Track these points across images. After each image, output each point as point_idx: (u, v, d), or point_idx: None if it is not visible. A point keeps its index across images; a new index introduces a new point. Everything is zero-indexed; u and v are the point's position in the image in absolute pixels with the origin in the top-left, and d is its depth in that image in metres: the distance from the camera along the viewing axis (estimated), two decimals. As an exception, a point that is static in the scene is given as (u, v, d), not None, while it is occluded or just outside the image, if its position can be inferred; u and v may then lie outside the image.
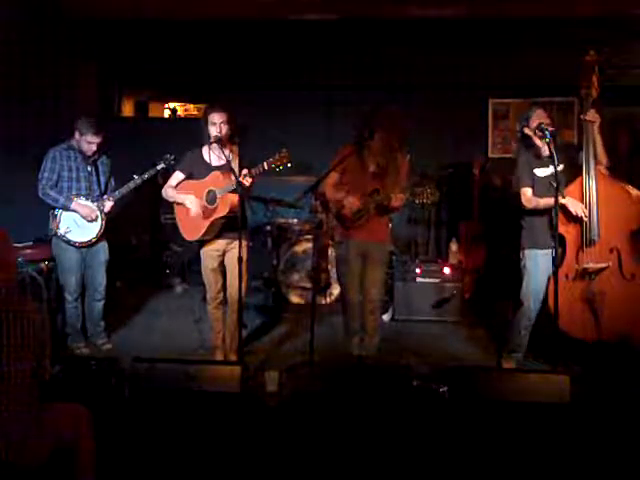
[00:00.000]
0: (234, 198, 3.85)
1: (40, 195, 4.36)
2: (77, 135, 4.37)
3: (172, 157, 4.49)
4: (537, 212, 3.96)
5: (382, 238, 4.19)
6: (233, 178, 3.76)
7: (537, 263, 3.99)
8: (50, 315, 2.71)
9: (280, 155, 3.71)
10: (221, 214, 3.93)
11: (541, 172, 3.95)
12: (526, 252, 4.05)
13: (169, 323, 5.28)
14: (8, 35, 5.13)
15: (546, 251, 3.93)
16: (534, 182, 3.96)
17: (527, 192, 3.97)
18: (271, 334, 5.05)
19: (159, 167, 4.49)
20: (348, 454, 2.92)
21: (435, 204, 4.01)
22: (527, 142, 4.01)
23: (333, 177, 4.09)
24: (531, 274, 4.01)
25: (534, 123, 3.86)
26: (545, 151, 3.80)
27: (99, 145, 4.41)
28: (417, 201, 3.94)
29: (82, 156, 4.43)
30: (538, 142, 3.89)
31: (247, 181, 3.79)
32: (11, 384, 2.32)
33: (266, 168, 3.74)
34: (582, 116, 3.89)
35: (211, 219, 3.97)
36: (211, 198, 3.95)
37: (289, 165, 3.72)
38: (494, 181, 6.34)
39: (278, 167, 3.73)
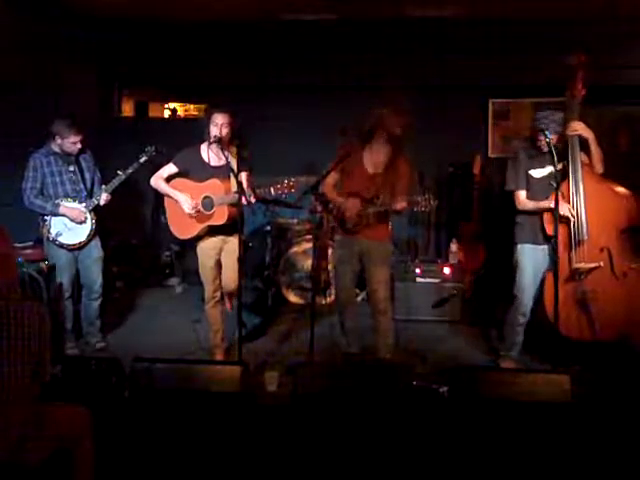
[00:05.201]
0: (233, 210, 3.85)
1: (27, 205, 4.34)
2: (58, 140, 4.33)
3: (153, 148, 4.48)
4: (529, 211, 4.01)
5: (382, 237, 4.18)
6: (233, 191, 3.78)
7: (527, 258, 4.04)
8: (50, 315, 2.70)
9: (288, 183, 3.75)
10: (218, 223, 3.95)
11: (537, 173, 3.99)
12: (518, 247, 4.11)
13: (169, 323, 5.28)
14: (8, 34, 5.12)
15: (537, 247, 3.99)
16: (529, 184, 3.99)
17: (520, 195, 4.03)
18: (271, 334, 5.05)
19: (142, 160, 4.46)
20: (348, 454, 2.92)
21: (434, 211, 4.03)
22: (533, 140, 3.98)
23: (333, 177, 4.09)
24: (522, 268, 4.07)
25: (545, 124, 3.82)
26: (544, 149, 3.79)
27: (82, 142, 4.39)
28: (415, 209, 3.88)
29: (63, 158, 4.40)
30: (542, 143, 3.84)
31: (251, 200, 3.84)
32: (11, 384, 2.32)
33: (273, 194, 3.79)
34: (566, 131, 3.88)
35: (206, 224, 3.98)
36: (207, 204, 3.96)
37: (293, 191, 3.79)
38: (494, 181, 6.33)
39: (283, 194, 3.78)
